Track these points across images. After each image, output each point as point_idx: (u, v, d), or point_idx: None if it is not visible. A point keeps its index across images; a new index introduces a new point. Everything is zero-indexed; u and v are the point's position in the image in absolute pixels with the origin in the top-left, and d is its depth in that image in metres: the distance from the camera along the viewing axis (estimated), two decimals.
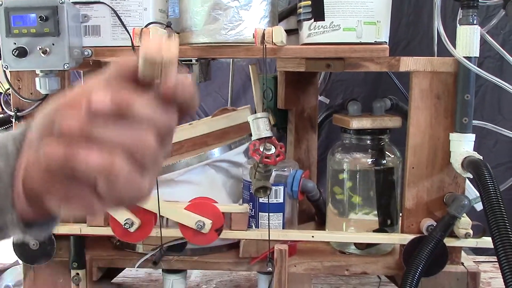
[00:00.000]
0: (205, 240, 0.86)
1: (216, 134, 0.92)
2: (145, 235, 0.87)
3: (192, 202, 0.85)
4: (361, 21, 0.82)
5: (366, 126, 0.90)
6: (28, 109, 0.86)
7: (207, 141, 0.91)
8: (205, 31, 0.81)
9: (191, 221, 0.85)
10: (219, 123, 0.93)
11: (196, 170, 0.90)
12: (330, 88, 1.43)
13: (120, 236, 0.87)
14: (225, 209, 0.87)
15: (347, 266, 0.89)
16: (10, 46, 0.80)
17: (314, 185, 0.93)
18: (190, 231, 0.85)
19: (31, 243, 0.87)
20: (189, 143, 0.91)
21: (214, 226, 0.85)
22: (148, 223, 0.86)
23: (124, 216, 0.85)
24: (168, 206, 0.85)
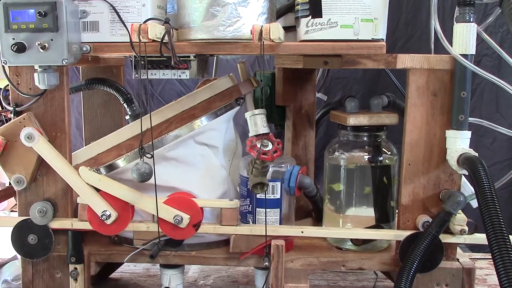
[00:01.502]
0: (183, 235, 0.86)
1: (202, 105, 0.91)
2: (121, 228, 0.88)
3: (170, 197, 0.86)
4: (358, 18, 0.82)
5: (363, 123, 0.91)
6: (26, 104, 0.86)
7: (195, 114, 0.90)
8: (203, 28, 0.81)
9: (169, 215, 0.85)
10: (203, 94, 0.93)
11: (186, 145, 0.90)
12: (329, 86, 1.44)
13: (96, 228, 0.87)
14: (214, 205, 0.88)
15: (344, 262, 0.90)
16: (9, 42, 0.80)
17: (311, 181, 0.94)
18: (168, 225, 0.86)
19: (30, 237, 0.87)
20: (177, 119, 0.90)
21: (192, 221, 0.86)
22: (125, 216, 0.87)
23: (101, 208, 0.85)
24: (147, 199, 0.86)
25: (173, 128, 0.89)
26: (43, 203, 0.87)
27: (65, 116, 0.87)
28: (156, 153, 0.85)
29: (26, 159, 0.85)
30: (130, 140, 0.88)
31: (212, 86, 0.93)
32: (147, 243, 0.89)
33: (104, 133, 1.13)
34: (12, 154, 0.86)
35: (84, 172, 0.86)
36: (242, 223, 0.92)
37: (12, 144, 0.85)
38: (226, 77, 0.94)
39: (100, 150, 0.89)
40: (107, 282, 1.09)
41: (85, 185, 0.86)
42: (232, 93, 0.92)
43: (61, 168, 0.86)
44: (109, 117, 1.13)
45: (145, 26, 0.78)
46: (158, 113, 0.89)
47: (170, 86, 1.59)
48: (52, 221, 0.87)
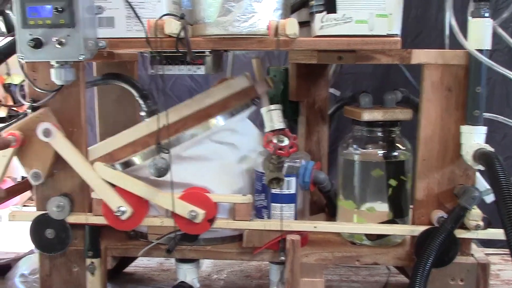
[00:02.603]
0: (197, 230, 0.87)
1: (218, 104, 0.91)
2: (136, 223, 0.88)
3: (186, 192, 0.87)
4: (373, 13, 0.82)
5: (377, 118, 0.91)
6: (43, 100, 0.86)
7: (211, 113, 0.91)
8: (218, 23, 0.81)
9: (184, 210, 0.86)
10: (219, 93, 0.93)
11: (202, 145, 0.91)
12: (339, 81, 1.43)
13: (112, 224, 0.88)
14: (228, 200, 0.89)
15: (358, 257, 0.90)
16: (26, 37, 0.81)
17: (325, 177, 0.94)
18: (183, 220, 0.87)
19: (48, 232, 0.88)
20: (192, 117, 0.90)
21: (207, 216, 0.86)
22: (141, 212, 0.87)
23: (116, 204, 0.86)
24: (162, 194, 0.86)
25: (189, 126, 0.89)
26: (60, 197, 0.87)
27: (81, 111, 0.87)
28: (171, 151, 0.86)
29: (43, 154, 0.86)
30: (146, 137, 0.89)
31: (228, 85, 0.94)
32: (161, 238, 0.90)
33: (118, 128, 1.13)
34: (29, 149, 0.87)
35: (100, 168, 0.86)
36: (257, 218, 0.92)
37: (30, 139, 0.86)
38: (243, 77, 0.95)
39: (115, 146, 0.90)
40: (122, 276, 1.10)
41: (101, 181, 0.86)
42: (248, 93, 0.93)
43: (77, 163, 0.86)
44: (123, 112, 1.14)
45: (161, 22, 0.79)
46: (174, 111, 0.90)
47: (181, 81, 1.59)
48: (69, 215, 0.88)
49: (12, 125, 0.87)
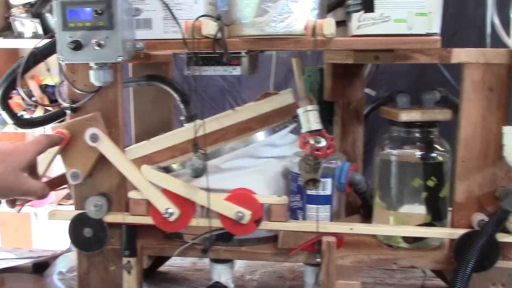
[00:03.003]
0: (244, 231, 0.87)
1: (260, 119, 0.92)
2: (184, 224, 0.88)
3: (232, 193, 0.86)
4: (412, 12, 0.81)
5: (416, 118, 0.89)
6: (82, 101, 0.88)
7: (251, 126, 0.91)
8: (254, 24, 0.81)
9: (230, 211, 0.86)
10: (262, 107, 0.93)
11: (241, 159, 0.91)
12: (374, 80, 1.42)
13: (159, 225, 0.89)
14: (263, 200, 0.88)
15: (395, 260, 0.89)
16: (66, 40, 0.82)
17: (361, 178, 0.93)
18: (230, 221, 0.86)
19: (86, 231, 0.89)
20: (233, 129, 0.91)
21: (253, 217, 0.86)
22: (188, 213, 0.88)
23: (164, 206, 0.86)
24: (208, 196, 0.86)
25: (228, 137, 0.90)
26: (98, 197, 0.89)
27: (119, 112, 0.88)
28: (210, 163, 0.87)
29: (86, 155, 0.87)
30: (185, 143, 0.89)
31: (272, 101, 0.94)
32: (197, 238, 0.90)
33: (153, 129, 1.15)
34: (73, 149, 0.88)
35: (147, 171, 0.87)
36: (292, 219, 0.92)
37: (75, 139, 0.88)
38: (288, 93, 0.95)
39: (154, 149, 0.91)
40: (156, 275, 1.11)
41: (148, 183, 0.87)
42: (291, 110, 0.92)
43: (125, 167, 0.87)
44: (158, 113, 1.15)
45: (198, 23, 0.79)
46: (214, 120, 0.90)
47: (213, 82, 1.60)
48: (106, 215, 0.89)
49: (61, 123, 0.89)
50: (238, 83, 1.61)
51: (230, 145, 0.89)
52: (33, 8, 1.78)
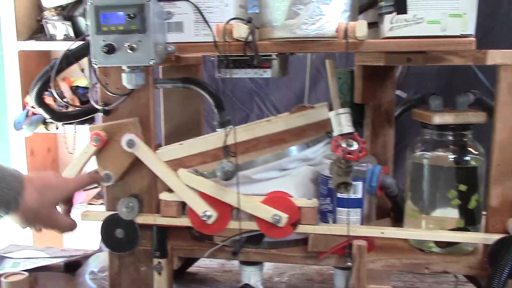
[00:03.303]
0: (281, 234, 0.86)
1: (294, 131, 0.92)
2: (222, 227, 0.88)
3: (268, 196, 0.86)
4: (446, 13, 0.80)
5: (449, 121, 0.88)
6: (114, 104, 0.89)
7: (284, 138, 0.92)
8: (285, 26, 0.81)
9: (267, 214, 0.86)
10: (296, 120, 0.93)
11: (273, 171, 0.91)
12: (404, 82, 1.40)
13: (198, 228, 0.89)
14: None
15: (427, 264, 0.88)
16: (99, 43, 0.83)
17: (393, 181, 0.92)
18: (266, 224, 0.86)
19: (117, 232, 0.90)
20: (266, 139, 0.91)
21: (290, 220, 0.85)
22: (225, 216, 0.88)
23: (202, 209, 0.87)
24: (245, 199, 0.86)
25: (261, 147, 0.90)
26: (130, 198, 0.89)
27: (150, 114, 0.89)
28: (241, 173, 0.87)
29: (120, 159, 0.88)
30: (217, 149, 0.89)
31: (307, 115, 0.94)
32: (227, 240, 0.90)
33: (182, 130, 1.16)
34: (108, 151, 0.89)
35: (183, 174, 0.88)
36: (322, 222, 0.91)
37: (111, 142, 0.89)
38: (323, 108, 0.94)
39: (185, 153, 0.92)
40: (186, 276, 1.12)
41: (186, 187, 0.87)
42: (326, 125, 0.92)
43: (163, 172, 0.88)
44: (187, 114, 1.16)
45: (230, 26, 0.79)
46: (247, 129, 0.91)
47: (241, 83, 1.61)
48: (137, 216, 0.90)
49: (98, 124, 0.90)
50: (266, 85, 1.61)
51: (262, 158, 0.90)
52: (65, 11, 1.82)
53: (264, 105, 1.63)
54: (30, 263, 1.14)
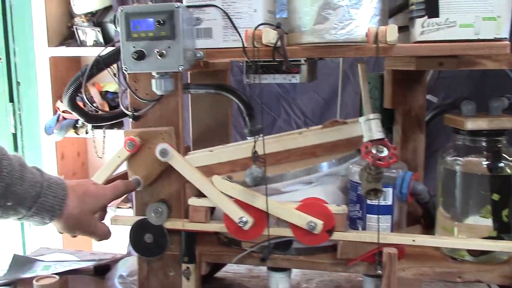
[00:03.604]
0: (316, 241, 0.85)
1: (325, 146, 0.92)
2: (258, 233, 0.88)
3: (303, 202, 0.86)
4: (480, 16, 0.78)
5: (482, 127, 0.86)
6: (144, 109, 0.90)
7: (316, 152, 0.92)
8: (314, 31, 0.81)
9: (302, 221, 0.85)
10: (328, 135, 0.93)
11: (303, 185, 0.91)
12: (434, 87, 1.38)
13: (234, 234, 0.89)
14: None
15: (460, 273, 0.86)
16: (129, 50, 0.84)
17: (424, 188, 0.90)
18: (301, 231, 0.85)
19: (146, 236, 0.91)
20: (297, 152, 0.92)
21: (325, 226, 0.84)
22: (261, 222, 0.87)
23: (238, 215, 0.86)
24: (279, 206, 0.86)
25: (291, 160, 0.91)
26: (159, 203, 0.90)
27: (179, 120, 0.90)
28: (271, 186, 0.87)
29: (152, 166, 0.89)
30: (247, 159, 0.89)
31: (340, 131, 0.95)
32: (255, 246, 0.90)
33: (210, 135, 1.16)
34: (140, 157, 0.89)
35: (218, 181, 0.88)
36: (351, 229, 0.90)
37: (145, 148, 0.89)
38: (357, 124, 0.94)
39: (215, 160, 0.92)
40: (213, 281, 1.12)
41: (221, 194, 0.87)
42: (358, 142, 0.91)
43: (197, 180, 0.88)
44: (215, 120, 1.16)
45: (259, 31, 0.79)
46: (279, 140, 0.91)
47: (268, 88, 1.60)
48: (166, 221, 0.90)
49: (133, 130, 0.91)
50: (293, 89, 1.60)
51: (292, 172, 0.89)
52: (95, 17, 1.85)
53: (291, 109, 1.62)
54: (61, 266, 1.16)
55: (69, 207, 0.77)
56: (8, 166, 0.71)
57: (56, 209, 0.76)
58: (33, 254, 1.30)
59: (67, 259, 1.23)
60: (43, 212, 0.75)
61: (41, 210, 0.75)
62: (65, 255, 1.27)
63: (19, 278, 1.10)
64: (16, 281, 1.09)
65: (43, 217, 0.76)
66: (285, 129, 1.63)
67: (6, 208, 0.72)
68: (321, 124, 1.48)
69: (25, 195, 0.73)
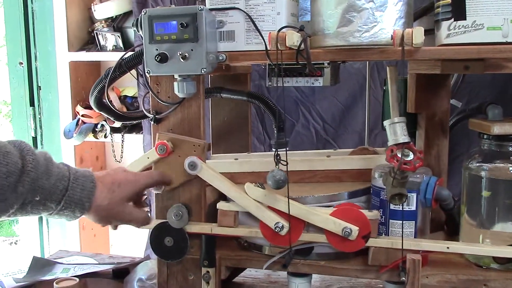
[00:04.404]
0: (352, 247, 0.84)
1: (351, 173, 0.93)
2: (296, 237, 0.87)
3: (338, 208, 0.84)
4: (508, 19, 0.77)
5: (510, 131, 0.84)
6: (166, 112, 0.89)
7: (341, 177, 0.92)
8: (338, 34, 0.80)
9: (337, 227, 0.84)
10: (356, 163, 0.94)
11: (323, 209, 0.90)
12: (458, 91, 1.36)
13: (271, 240, 0.88)
14: None
15: (485, 281, 0.84)
16: (152, 52, 0.84)
17: (449, 193, 0.89)
18: (337, 237, 0.84)
19: (166, 240, 0.91)
20: (322, 174, 0.92)
21: (361, 232, 0.83)
22: (297, 227, 0.86)
23: (273, 221, 0.85)
24: (314, 212, 0.85)
25: (315, 181, 0.92)
26: (179, 207, 0.89)
27: (201, 123, 0.89)
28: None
29: (177, 174, 0.89)
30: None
31: (368, 160, 0.95)
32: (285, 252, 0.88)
33: (229, 138, 1.16)
34: (168, 162, 0.89)
35: (250, 189, 0.87)
36: None
37: (175, 155, 0.89)
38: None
39: (239, 169, 0.92)
40: (232, 286, 1.11)
41: (253, 201, 0.86)
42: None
43: (228, 189, 0.88)
44: (234, 123, 1.16)
45: (283, 34, 0.79)
46: (305, 160, 0.91)
47: (286, 92, 1.59)
48: (188, 225, 0.90)
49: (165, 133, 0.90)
50: (311, 94, 1.59)
51: (316, 197, 0.88)
52: (115, 22, 1.86)
53: (310, 114, 1.61)
54: (80, 269, 1.16)
55: (98, 198, 0.76)
56: (33, 161, 0.71)
57: (84, 202, 0.75)
58: (52, 256, 1.31)
59: (86, 262, 1.23)
60: (72, 206, 0.74)
61: (70, 204, 0.74)
62: (84, 258, 1.28)
63: (38, 280, 1.10)
64: (36, 283, 1.09)
65: (73, 211, 0.75)
66: (304, 134, 1.62)
67: (35, 204, 0.72)
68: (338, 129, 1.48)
69: (52, 189, 0.72)
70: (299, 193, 0.89)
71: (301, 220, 0.85)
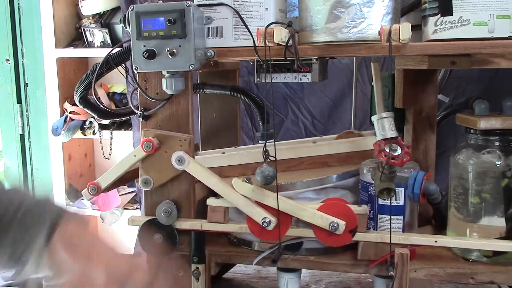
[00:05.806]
0: (340, 241, 0.84)
1: (338, 157, 0.92)
2: (283, 231, 0.87)
3: (325, 203, 0.85)
4: (494, 14, 0.77)
5: (496, 126, 0.85)
6: (154, 109, 0.89)
7: (328, 162, 0.91)
8: (326, 30, 0.80)
9: (324, 222, 0.84)
10: (342, 147, 0.93)
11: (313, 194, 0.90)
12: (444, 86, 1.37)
13: (258, 235, 0.88)
14: None
15: (472, 274, 0.85)
16: (140, 49, 0.84)
17: (436, 188, 0.89)
18: (324, 232, 0.84)
19: (156, 236, 0.90)
20: (309, 160, 0.92)
21: (348, 227, 0.84)
22: (285, 223, 0.86)
23: (261, 216, 0.85)
24: (301, 207, 0.85)
25: (303, 168, 0.91)
26: (168, 203, 0.89)
27: (189, 119, 0.89)
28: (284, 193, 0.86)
29: (165, 169, 0.88)
30: (258, 163, 0.88)
31: (354, 143, 0.95)
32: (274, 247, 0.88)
33: (219, 134, 1.16)
34: (155, 159, 0.88)
35: (237, 184, 0.87)
36: None
37: (161, 151, 0.88)
38: (372, 137, 0.94)
39: (227, 163, 0.92)
40: (221, 282, 1.11)
41: (241, 196, 0.86)
42: (371, 155, 0.90)
43: (216, 184, 0.88)
44: (223, 119, 1.16)
45: (271, 30, 0.78)
46: (291, 148, 0.90)
47: (275, 88, 1.60)
48: (177, 221, 0.90)
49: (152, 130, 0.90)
50: (300, 90, 1.60)
51: (305, 182, 0.88)
52: (102, 18, 1.85)
53: (299, 110, 1.62)
54: None
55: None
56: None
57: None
58: None
59: None
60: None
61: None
62: None
63: (28, 278, 1.10)
64: (26, 281, 1.09)
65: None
66: (293, 129, 1.63)
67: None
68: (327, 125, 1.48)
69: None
70: (287, 179, 0.89)
71: (289, 215, 0.85)
